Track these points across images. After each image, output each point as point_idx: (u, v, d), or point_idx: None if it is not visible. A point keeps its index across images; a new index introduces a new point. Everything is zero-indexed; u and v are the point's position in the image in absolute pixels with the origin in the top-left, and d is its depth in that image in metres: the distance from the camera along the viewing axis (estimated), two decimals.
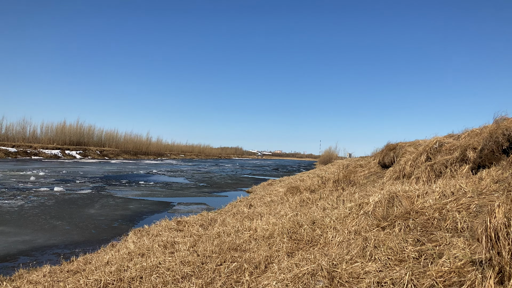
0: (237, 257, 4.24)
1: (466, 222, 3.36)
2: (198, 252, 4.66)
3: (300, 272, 3.18)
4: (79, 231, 7.94)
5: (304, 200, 8.64)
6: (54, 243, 6.94)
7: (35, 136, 62.33)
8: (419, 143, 9.98)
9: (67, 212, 9.91)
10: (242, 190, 18.06)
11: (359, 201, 5.14)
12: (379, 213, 4.30)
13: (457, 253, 2.71)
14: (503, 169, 4.74)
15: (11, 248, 6.45)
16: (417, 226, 3.64)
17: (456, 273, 2.42)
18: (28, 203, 11.12)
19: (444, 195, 4.27)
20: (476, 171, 5.42)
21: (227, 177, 27.59)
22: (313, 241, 4.35)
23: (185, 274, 3.91)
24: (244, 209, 8.69)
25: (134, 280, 3.87)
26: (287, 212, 6.76)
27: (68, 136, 66.03)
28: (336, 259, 3.34)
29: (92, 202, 11.88)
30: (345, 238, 4.01)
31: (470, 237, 3.01)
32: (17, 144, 53.96)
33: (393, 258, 3.07)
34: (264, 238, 4.86)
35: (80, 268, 4.94)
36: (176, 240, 5.70)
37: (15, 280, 4.73)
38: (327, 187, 10.75)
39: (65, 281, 4.24)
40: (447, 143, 7.50)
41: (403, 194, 4.46)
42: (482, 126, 7.14)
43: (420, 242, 3.26)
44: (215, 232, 5.88)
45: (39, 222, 8.61)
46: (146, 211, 10.80)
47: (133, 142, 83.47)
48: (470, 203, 3.78)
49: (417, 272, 2.65)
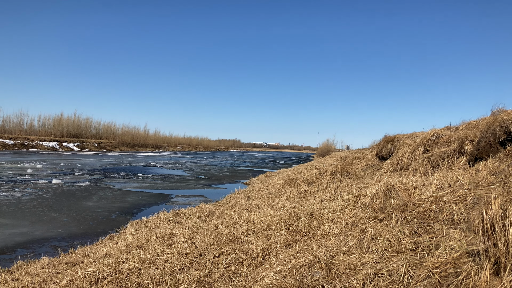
0: (235, 249, 4.26)
1: (462, 214, 3.38)
2: (196, 244, 4.67)
3: (297, 264, 3.19)
4: (77, 223, 7.95)
5: (301, 192, 8.66)
6: (52, 235, 6.95)
7: (33, 128, 62.19)
8: (416, 135, 9.99)
9: (65, 204, 9.91)
10: (240, 182, 18.09)
11: (357, 193, 5.16)
12: (377, 205, 4.31)
13: (453, 244, 2.73)
14: (500, 161, 4.76)
15: (9, 240, 6.45)
16: (414, 218, 3.65)
17: (452, 264, 2.44)
18: (25, 195, 11.11)
19: (441, 187, 4.28)
20: (473, 163, 5.44)
21: (225, 169, 27.62)
22: (311, 233, 4.37)
23: (183, 265, 3.93)
24: (242, 201, 8.71)
25: (133, 272, 3.88)
26: (285, 204, 6.78)
27: (65, 128, 65.83)
28: (333, 251, 3.36)
29: (90, 195, 11.88)
30: (343, 230, 4.03)
31: (466, 228, 3.03)
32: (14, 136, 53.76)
33: (390, 250, 3.09)
34: (262, 230, 4.87)
35: (78, 260, 4.95)
36: (174, 232, 5.72)
37: (14, 271, 4.74)
38: (325, 179, 10.78)
39: (63, 273, 4.25)
40: (445, 135, 7.52)
41: (400, 186, 4.47)
42: (480, 118, 7.15)
43: (417, 233, 3.28)
44: (213, 224, 5.89)
45: (37, 214, 8.61)
46: (144, 203, 10.81)
47: (131, 135, 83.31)
48: (467, 195, 3.79)
49: (414, 264, 2.67)
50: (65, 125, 66.26)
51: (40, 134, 61.38)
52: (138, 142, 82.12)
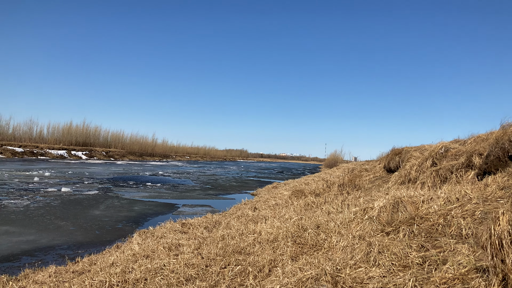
0: (241, 260, 4.25)
1: (471, 229, 3.35)
2: (203, 255, 4.67)
3: (304, 276, 3.18)
4: (83, 232, 7.99)
5: (308, 203, 8.63)
6: (58, 243, 6.99)
7: (42, 136, 62.88)
8: (424, 148, 9.94)
9: (72, 213, 9.98)
10: (247, 193, 18.06)
11: (364, 206, 5.14)
12: (384, 218, 4.29)
13: (461, 259, 2.71)
14: (509, 176, 4.72)
15: (15, 248, 6.50)
16: (421, 231, 3.63)
17: (460, 280, 2.42)
18: (33, 203, 11.20)
19: (449, 201, 4.25)
20: (481, 177, 5.39)
21: (232, 180, 27.62)
22: (317, 246, 4.35)
23: (189, 276, 3.93)
24: (249, 212, 8.70)
25: (139, 282, 3.89)
26: (292, 216, 6.76)
27: (74, 136, 66.50)
28: (340, 264, 3.35)
29: (97, 203, 11.95)
30: (349, 243, 4.01)
31: (474, 244, 3.00)
32: (24, 144, 54.41)
33: (397, 264, 3.07)
34: (269, 242, 4.86)
35: (85, 268, 4.97)
36: (180, 242, 5.72)
37: (21, 280, 4.77)
38: (332, 191, 10.73)
39: (70, 282, 4.27)
40: (453, 149, 7.47)
41: (408, 199, 4.45)
42: (489, 132, 7.11)
43: (424, 248, 3.26)
44: (219, 234, 5.89)
45: (43, 222, 8.68)
46: (151, 213, 10.84)
47: (139, 144, 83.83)
48: (475, 210, 3.76)
49: (421, 278, 2.65)
50: (74, 133, 66.94)
51: (49, 142, 62.03)
52: (146, 151, 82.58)
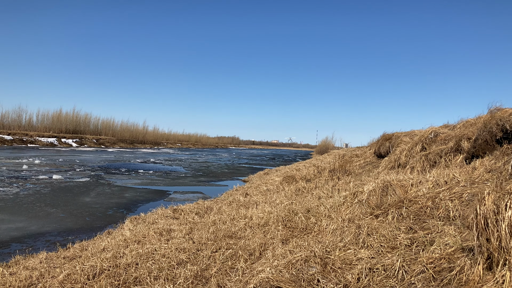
0: (232, 244, 4.28)
1: (458, 211, 3.41)
2: (194, 239, 4.69)
3: (293, 259, 3.22)
4: (73, 219, 7.96)
5: (299, 189, 8.69)
6: (48, 230, 6.96)
7: (31, 124, 62.04)
8: (414, 133, 10.02)
9: (62, 200, 9.92)
10: (239, 179, 18.11)
11: (354, 190, 5.18)
12: (373, 202, 4.34)
13: (448, 240, 2.76)
14: (496, 159, 4.78)
15: (4, 235, 6.47)
16: (410, 214, 3.68)
17: (446, 259, 2.47)
18: (23, 190, 11.11)
19: (438, 184, 4.31)
20: (470, 161, 5.46)
21: (224, 166, 27.63)
22: (308, 229, 4.39)
23: (180, 260, 3.95)
24: (240, 197, 8.73)
25: (130, 266, 3.90)
26: (283, 201, 6.81)
27: (64, 124, 65.71)
28: (329, 246, 3.38)
29: (87, 190, 11.89)
30: (339, 226, 4.06)
31: (461, 225, 3.06)
32: (13, 132, 53.66)
33: (385, 246, 3.11)
34: (259, 226, 4.90)
35: (76, 254, 4.97)
36: (172, 227, 5.74)
37: (12, 266, 4.75)
38: (323, 177, 10.80)
39: (61, 267, 4.27)
40: (442, 133, 7.54)
41: (397, 183, 4.50)
42: (477, 116, 7.17)
43: (412, 230, 3.31)
44: (210, 220, 5.91)
45: (33, 209, 8.62)
46: (142, 200, 10.83)
47: (130, 131, 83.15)
48: (463, 192, 3.82)
49: (409, 259, 2.69)
50: (64, 121, 66.13)
51: (38, 130, 61.25)
52: (137, 138, 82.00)
